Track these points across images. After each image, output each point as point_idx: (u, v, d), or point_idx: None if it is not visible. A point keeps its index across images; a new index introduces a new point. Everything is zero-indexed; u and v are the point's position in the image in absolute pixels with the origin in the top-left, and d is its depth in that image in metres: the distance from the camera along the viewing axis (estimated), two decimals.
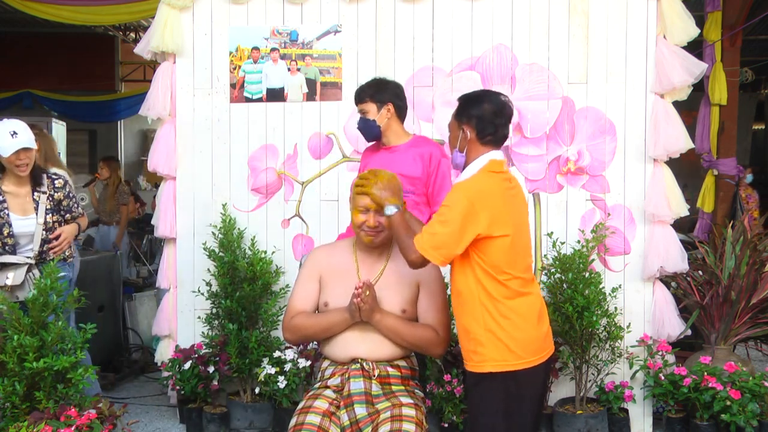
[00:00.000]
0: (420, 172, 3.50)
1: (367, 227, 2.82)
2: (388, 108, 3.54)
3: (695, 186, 6.77)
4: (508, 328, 2.60)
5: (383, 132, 3.56)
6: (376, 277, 2.87)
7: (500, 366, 2.59)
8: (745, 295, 4.28)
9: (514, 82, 4.36)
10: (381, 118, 3.54)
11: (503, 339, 2.59)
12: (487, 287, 2.60)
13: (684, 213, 4.24)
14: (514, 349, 2.59)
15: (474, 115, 2.68)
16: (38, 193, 3.86)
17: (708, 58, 6.19)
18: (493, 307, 2.60)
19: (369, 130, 3.58)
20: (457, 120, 2.74)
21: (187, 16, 4.51)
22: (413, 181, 3.48)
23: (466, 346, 2.67)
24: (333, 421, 2.73)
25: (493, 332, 2.59)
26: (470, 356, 2.65)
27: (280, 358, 4.22)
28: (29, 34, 10.78)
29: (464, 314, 2.66)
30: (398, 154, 3.54)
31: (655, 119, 4.22)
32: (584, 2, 4.31)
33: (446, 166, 3.55)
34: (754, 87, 11.12)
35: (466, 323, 2.65)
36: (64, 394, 3.27)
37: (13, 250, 3.80)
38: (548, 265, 4.20)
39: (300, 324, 2.87)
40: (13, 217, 3.80)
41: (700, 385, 3.93)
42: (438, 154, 3.54)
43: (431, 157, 3.52)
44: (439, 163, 3.52)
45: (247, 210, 4.50)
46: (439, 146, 3.67)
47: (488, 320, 2.60)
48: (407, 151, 3.54)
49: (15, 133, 3.72)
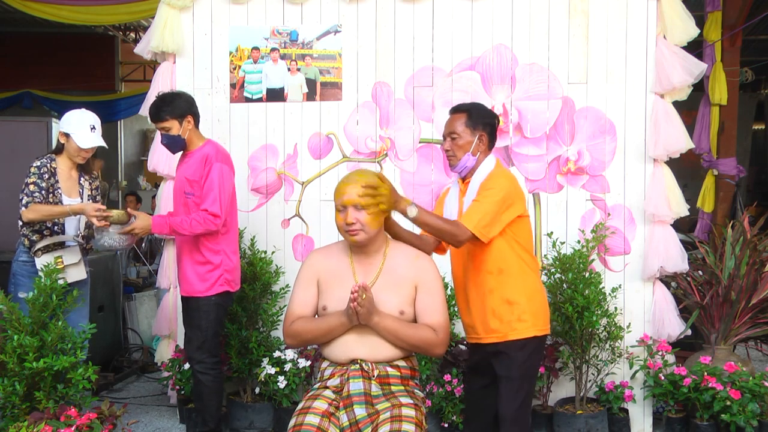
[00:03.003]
0: (198, 175, 3.71)
1: (346, 225, 2.80)
2: (188, 120, 3.76)
3: (695, 186, 6.76)
4: (541, 297, 3.05)
5: (186, 142, 3.79)
6: (373, 279, 2.86)
7: (542, 330, 3.00)
8: (745, 295, 4.28)
9: (514, 82, 4.36)
10: (183, 131, 3.76)
11: (542, 306, 3.03)
12: (526, 261, 3.01)
13: (684, 213, 4.24)
14: (546, 316, 3.04)
15: (488, 123, 3.06)
16: (84, 179, 4.00)
17: (708, 58, 6.18)
18: (532, 279, 3.02)
19: (175, 145, 3.81)
20: (472, 127, 3.03)
21: (187, 16, 4.51)
22: (192, 184, 3.73)
23: (507, 317, 2.96)
24: (332, 421, 2.72)
25: (534, 301, 3.00)
26: (513, 326, 2.96)
27: (280, 358, 4.22)
28: (29, 34, 10.76)
29: (507, 288, 2.97)
30: (190, 159, 3.80)
31: (655, 119, 4.22)
32: (584, 2, 4.31)
33: (217, 170, 3.71)
34: (754, 87, 11.10)
35: (510, 296, 2.97)
36: (64, 394, 3.27)
37: (62, 230, 3.88)
38: (548, 265, 4.20)
39: (299, 329, 2.87)
40: (65, 199, 3.89)
41: (700, 385, 3.93)
42: (212, 159, 3.73)
43: (207, 159, 3.72)
44: (211, 166, 3.71)
45: (247, 210, 4.50)
46: (221, 151, 3.83)
47: (530, 291, 3.00)
48: (196, 155, 3.79)
49: (94, 128, 3.88)
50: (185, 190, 3.74)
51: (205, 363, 3.79)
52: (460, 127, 3.04)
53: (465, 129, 3.03)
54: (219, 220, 3.68)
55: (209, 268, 3.75)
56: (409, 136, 4.44)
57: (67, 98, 10.81)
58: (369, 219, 2.76)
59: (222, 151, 3.85)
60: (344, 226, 2.81)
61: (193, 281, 3.76)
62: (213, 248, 3.75)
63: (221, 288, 3.78)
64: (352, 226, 2.78)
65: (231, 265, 3.83)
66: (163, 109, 3.72)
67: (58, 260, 3.71)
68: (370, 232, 2.80)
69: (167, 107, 3.72)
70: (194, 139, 3.81)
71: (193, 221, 3.64)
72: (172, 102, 3.74)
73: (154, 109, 3.76)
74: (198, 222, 3.64)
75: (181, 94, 3.83)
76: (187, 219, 3.66)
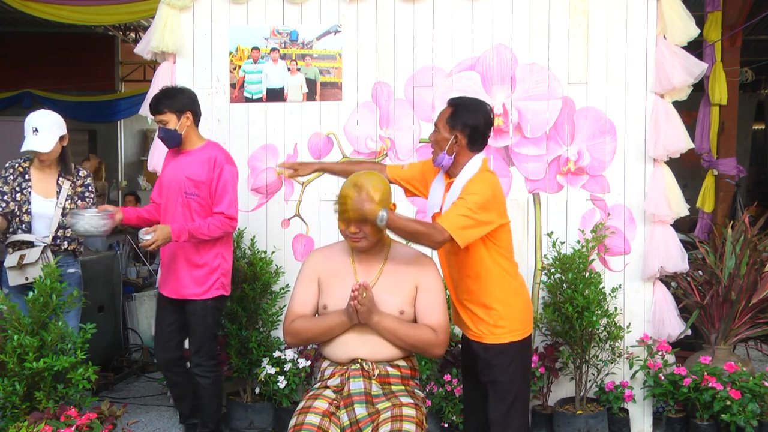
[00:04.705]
0: (205, 176, 3.69)
1: (349, 233, 2.83)
2: (186, 116, 3.72)
3: (695, 186, 6.75)
4: (521, 302, 2.99)
5: (183, 139, 3.74)
6: (374, 278, 2.87)
7: (520, 334, 2.95)
8: (745, 295, 4.28)
9: (514, 82, 4.36)
10: (181, 126, 3.72)
11: (521, 311, 2.97)
12: (505, 267, 2.95)
13: (684, 213, 4.24)
14: (525, 320, 2.99)
15: (469, 124, 2.90)
16: (63, 179, 3.96)
17: (708, 58, 6.18)
18: (510, 284, 2.96)
19: (171, 139, 3.76)
20: (450, 125, 2.91)
21: (187, 16, 4.51)
22: (198, 184, 3.70)
23: (485, 321, 2.93)
24: (333, 421, 2.73)
25: (512, 307, 2.94)
26: (491, 330, 2.93)
27: (280, 358, 4.22)
28: (29, 34, 10.76)
29: (484, 293, 2.93)
30: (190, 158, 3.76)
31: (655, 119, 4.22)
32: (584, 2, 4.31)
33: (229, 172, 3.73)
34: (754, 87, 11.10)
35: (486, 301, 2.92)
36: (64, 394, 3.27)
37: (29, 229, 3.87)
38: (548, 265, 4.20)
39: (300, 328, 2.87)
40: (35, 198, 3.89)
41: (700, 385, 3.93)
42: (222, 160, 3.73)
43: (215, 162, 3.71)
44: (222, 168, 3.70)
45: (247, 210, 4.50)
46: (226, 153, 3.84)
47: (508, 296, 2.94)
48: (198, 155, 3.76)
49: (36, 130, 3.83)
50: (186, 189, 3.72)
51: (203, 366, 3.79)
52: (441, 122, 2.94)
53: (444, 125, 2.92)
54: (236, 222, 3.75)
55: (207, 271, 3.75)
56: (409, 136, 4.44)
57: (67, 98, 10.82)
58: (372, 230, 2.79)
59: (227, 153, 3.87)
60: (347, 233, 2.83)
61: (189, 284, 3.74)
62: (212, 251, 3.75)
63: (218, 291, 3.78)
64: (356, 235, 2.81)
65: (227, 267, 3.83)
66: (162, 101, 3.70)
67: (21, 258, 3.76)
68: (372, 240, 2.84)
69: (167, 100, 3.70)
70: (193, 137, 3.79)
71: (211, 225, 3.65)
72: (173, 96, 3.73)
73: (155, 101, 3.74)
74: (216, 226, 3.66)
75: (184, 90, 3.82)
76: (205, 223, 3.65)
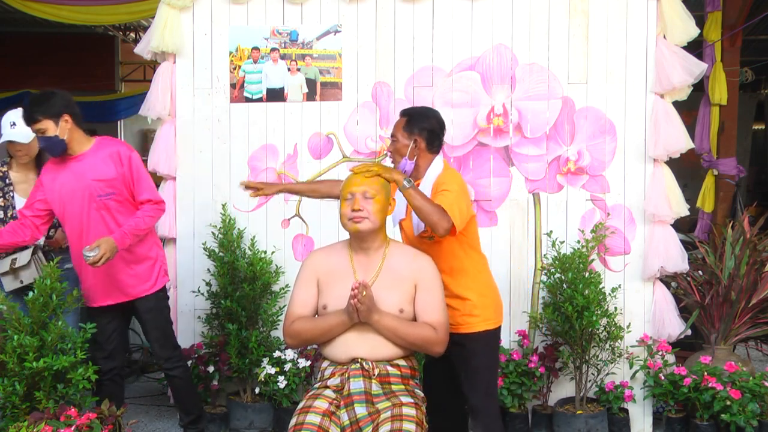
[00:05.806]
0: (114, 173, 3.54)
1: (352, 212, 2.81)
2: (65, 119, 3.49)
3: (695, 186, 6.75)
4: (492, 293, 3.19)
5: (68, 143, 3.54)
6: (373, 277, 2.87)
7: (493, 323, 3.14)
8: (745, 295, 4.29)
9: (514, 82, 4.36)
10: (62, 131, 3.49)
11: (493, 301, 3.17)
12: (475, 260, 3.16)
13: (684, 213, 4.24)
14: (497, 309, 3.18)
15: (425, 128, 3.13)
16: None
17: (708, 58, 6.18)
18: (482, 276, 3.17)
19: (55, 147, 3.52)
20: (408, 132, 3.13)
21: (187, 16, 4.51)
22: (111, 183, 3.54)
23: (460, 311, 3.08)
24: (333, 420, 2.73)
25: (486, 296, 3.14)
26: (465, 320, 3.08)
27: (280, 358, 4.22)
28: (29, 34, 10.75)
29: (459, 286, 3.08)
30: (88, 161, 3.56)
31: (655, 119, 4.22)
32: (584, 2, 4.31)
33: (137, 159, 3.61)
34: (754, 87, 11.09)
35: (462, 293, 3.08)
36: (64, 394, 3.27)
37: None
38: (548, 264, 4.20)
39: (300, 328, 2.87)
40: (19, 200, 3.87)
41: (700, 385, 3.93)
42: (126, 152, 3.59)
43: (120, 155, 3.56)
44: (129, 159, 3.57)
45: (247, 210, 4.50)
46: (124, 143, 3.73)
47: (481, 287, 3.13)
48: (95, 155, 3.57)
49: (14, 124, 3.80)
50: (98, 192, 3.52)
51: (171, 359, 3.77)
52: (399, 131, 3.15)
53: (403, 133, 3.14)
54: (164, 204, 3.68)
55: (149, 264, 3.69)
56: None
57: None
58: (376, 209, 2.79)
59: (123, 141, 3.78)
60: (349, 214, 2.82)
61: (134, 283, 3.65)
62: (145, 243, 3.67)
63: (164, 280, 3.76)
64: (359, 213, 2.79)
65: (163, 254, 3.81)
66: (34, 109, 3.45)
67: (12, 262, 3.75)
68: (374, 221, 2.82)
69: (39, 107, 3.45)
70: (78, 139, 3.56)
71: (146, 216, 3.54)
72: (46, 101, 3.47)
73: (26, 111, 3.49)
74: (149, 215, 3.56)
75: (55, 92, 3.54)
76: (139, 218, 3.53)
